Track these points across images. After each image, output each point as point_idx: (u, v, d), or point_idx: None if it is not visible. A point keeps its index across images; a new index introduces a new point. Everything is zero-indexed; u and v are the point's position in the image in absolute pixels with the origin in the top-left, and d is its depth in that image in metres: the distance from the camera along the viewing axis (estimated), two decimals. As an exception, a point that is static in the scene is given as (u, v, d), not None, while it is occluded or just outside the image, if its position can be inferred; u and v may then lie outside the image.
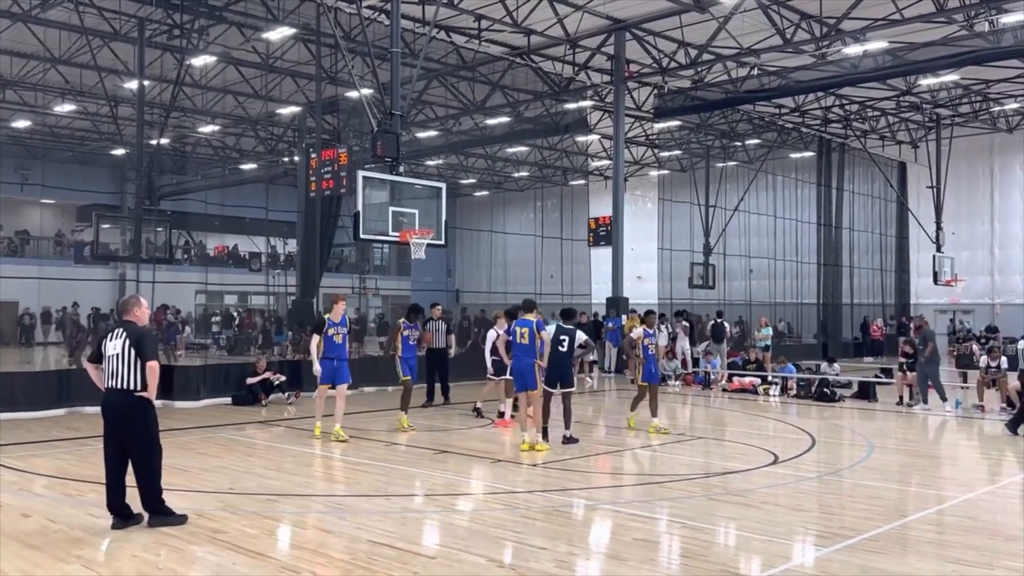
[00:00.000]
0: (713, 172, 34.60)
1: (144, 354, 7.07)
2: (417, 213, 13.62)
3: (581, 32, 21.88)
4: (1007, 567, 6.48)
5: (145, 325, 7.44)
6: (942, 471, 10.99)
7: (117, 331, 7.28)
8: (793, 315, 35.25)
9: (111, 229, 26.68)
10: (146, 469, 7.20)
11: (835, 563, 6.49)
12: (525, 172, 42.36)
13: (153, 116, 25.32)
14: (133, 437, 7.17)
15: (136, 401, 7.10)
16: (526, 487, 9.34)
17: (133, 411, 7.13)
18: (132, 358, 7.06)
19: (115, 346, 7.16)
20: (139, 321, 7.39)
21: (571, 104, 27.19)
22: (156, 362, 7.10)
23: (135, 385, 7.07)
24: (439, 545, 7.00)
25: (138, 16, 21.43)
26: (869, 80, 23.22)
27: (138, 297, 7.57)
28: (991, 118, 31.61)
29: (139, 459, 7.19)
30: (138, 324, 7.35)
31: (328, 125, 26.35)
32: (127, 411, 7.13)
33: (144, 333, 7.26)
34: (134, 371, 7.06)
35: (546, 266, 33.90)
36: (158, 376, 7.10)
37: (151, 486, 7.22)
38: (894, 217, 36.56)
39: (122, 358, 7.09)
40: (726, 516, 8.03)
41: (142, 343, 7.11)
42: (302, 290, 26.60)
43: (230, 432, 13.14)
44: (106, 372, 7.20)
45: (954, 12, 19.25)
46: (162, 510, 7.26)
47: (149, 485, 7.22)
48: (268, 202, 23.22)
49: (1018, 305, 32.63)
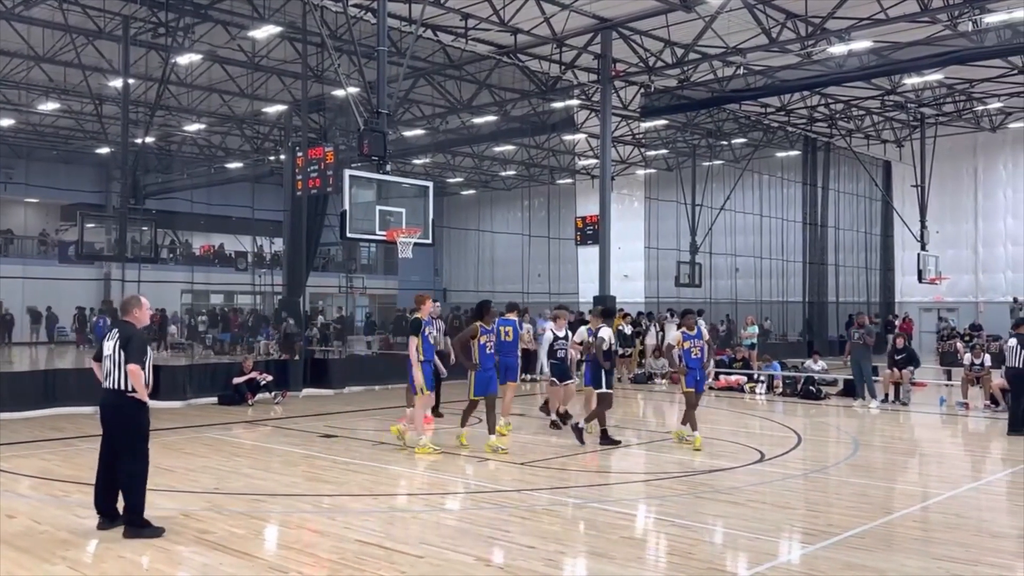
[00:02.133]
0: (699, 171, 34.73)
1: (126, 356, 7.00)
2: (404, 212, 13.58)
3: (568, 31, 21.89)
4: (992, 563, 6.53)
5: (138, 326, 7.32)
6: (927, 468, 11.06)
7: (113, 331, 7.29)
8: (779, 313, 35.40)
9: (96, 228, 26.55)
10: (125, 473, 7.07)
11: (821, 560, 6.53)
12: (512, 171, 42.36)
13: (138, 115, 25.18)
14: (118, 438, 7.12)
15: (124, 402, 7.05)
16: (514, 486, 9.34)
17: (120, 412, 7.09)
18: (121, 359, 7.03)
19: (109, 346, 7.15)
20: (138, 322, 7.30)
21: (558, 103, 27.21)
22: (136, 365, 6.98)
23: (124, 386, 7.03)
24: (426, 544, 6.99)
25: (123, 14, 21.29)
26: (854, 79, 23.32)
27: (139, 297, 7.47)
28: (975, 117, 31.82)
29: (121, 461, 7.10)
30: (135, 325, 7.26)
31: (314, 124, 26.27)
32: (115, 412, 7.11)
33: (132, 335, 7.16)
34: (123, 372, 7.02)
35: (534, 265, 33.91)
36: (141, 379, 7.00)
37: (129, 493, 7.06)
38: (879, 216, 36.75)
39: (113, 359, 7.07)
40: (713, 514, 8.06)
41: (128, 345, 7.05)
42: (288, 289, 26.52)
43: (216, 432, 13.09)
44: (103, 372, 7.18)
45: (938, 12, 19.36)
46: (137, 521, 7.01)
47: (127, 491, 7.07)
48: (254, 201, 23.10)
49: (1002, 303, 32.83)
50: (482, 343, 11.21)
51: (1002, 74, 25.22)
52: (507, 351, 12.09)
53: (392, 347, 29.75)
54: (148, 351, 7.19)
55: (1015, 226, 33.68)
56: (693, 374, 11.67)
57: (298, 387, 17.84)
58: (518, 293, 32.15)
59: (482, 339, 11.22)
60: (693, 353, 11.71)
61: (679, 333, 12.06)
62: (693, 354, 11.71)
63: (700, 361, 11.80)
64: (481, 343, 11.20)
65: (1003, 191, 34.19)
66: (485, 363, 11.19)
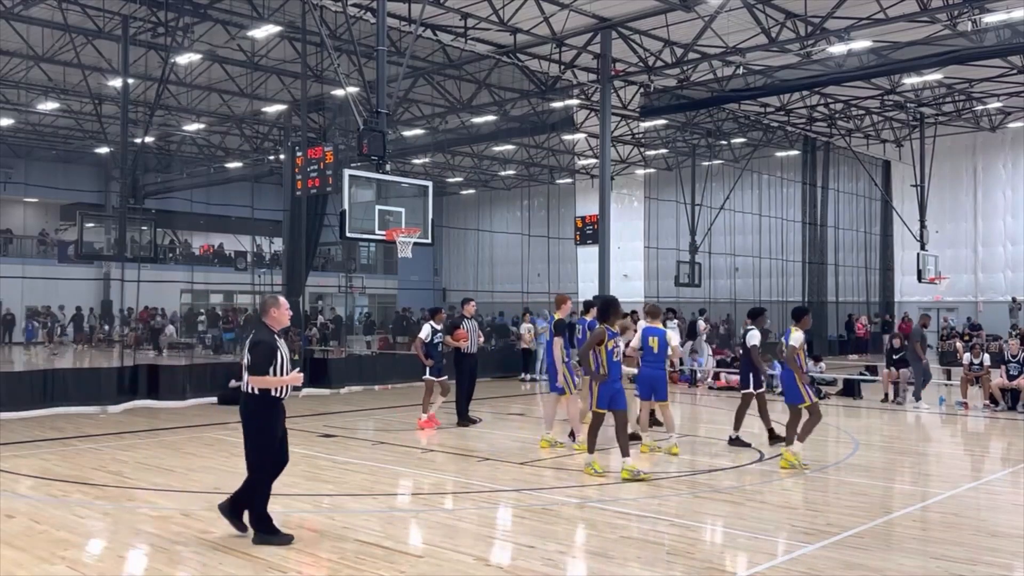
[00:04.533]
0: (699, 171, 34.71)
1: (251, 366, 6.85)
2: (403, 211, 13.57)
3: (567, 31, 21.87)
4: (991, 563, 6.54)
5: (275, 328, 7.10)
6: (927, 468, 11.06)
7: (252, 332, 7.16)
8: (778, 313, 35.39)
9: (95, 228, 26.56)
10: (249, 476, 6.96)
11: (821, 560, 6.53)
12: (512, 171, 42.34)
13: (137, 114, 25.15)
14: (246, 440, 7.02)
15: (248, 404, 6.92)
16: (513, 485, 9.34)
17: (246, 413, 6.97)
18: (247, 363, 6.91)
19: (245, 349, 7.06)
20: (276, 323, 7.09)
21: (557, 103, 27.19)
22: (258, 376, 6.81)
23: (251, 389, 6.89)
24: (426, 544, 7.00)
25: (122, 14, 21.26)
26: (853, 79, 23.32)
27: (276, 297, 7.25)
28: (974, 117, 31.81)
29: (247, 464, 6.99)
30: (268, 328, 7.04)
31: (314, 123, 26.24)
32: (243, 413, 6.99)
33: (259, 342, 6.92)
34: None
35: (533, 265, 33.92)
36: (269, 384, 6.83)
37: (251, 499, 6.94)
38: (878, 215, 36.75)
39: (243, 361, 6.99)
40: (713, 513, 8.07)
41: (252, 352, 6.89)
42: (288, 289, 26.48)
43: (216, 432, 13.09)
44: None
45: (937, 12, 19.35)
46: (264, 528, 6.90)
47: (249, 497, 6.95)
48: (253, 201, 23.08)
49: (1001, 303, 32.85)
50: (610, 349, 9.50)
51: (1001, 74, 25.21)
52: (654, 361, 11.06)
53: (393, 347, 29.77)
54: (278, 356, 6.90)
55: (1014, 225, 33.68)
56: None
57: (297, 387, 17.82)
58: (517, 293, 32.20)
59: (609, 344, 9.52)
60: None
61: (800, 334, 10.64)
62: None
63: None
64: (609, 349, 9.49)
65: (1002, 191, 34.19)
66: (613, 372, 9.53)
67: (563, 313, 11.53)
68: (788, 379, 10.44)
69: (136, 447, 11.56)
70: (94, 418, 14.46)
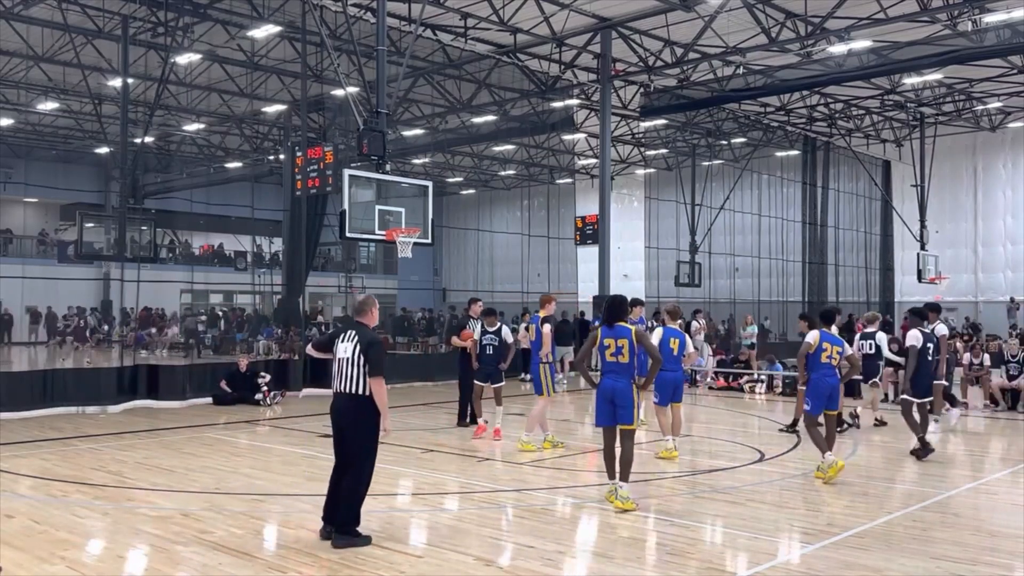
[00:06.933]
0: (699, 171, 34.71)
1: (370, 366, 6.85)
2: (403, 211, 13.57)
3: (567, 31, 21.87)
4: (991, 563, 6.53)
5: (375, 331, 7.18)
6: (926, 468, 11.04)
7: (350, 333, 7.05)
8: (778, 313, 35.39)
9: (95, 228, 26.56)
10: (355, 479, 6.95)
11: (820, 560, 6.53)
12: (512, 170, 42.33)
13: (137, 114, 25.14)
14: (353, 441, 6.97)
15: (363, 406, 6.89)
16: (514, 485, 9.34)
17: (358, 417, 6.93)
18: (361, 364, 6.87)
19: (346, 348, 6.96)
20: (372, 322, 7.20)
21: (557, 103, 27.19)
22: (382, 378, 6.86)
23: (363, 390, 6.87)
24: (426, 544, 7.00)
25: (122, 14, 21.26)
26: (854, 79, 23.31)
27: (373, 299, 7.33)
28: (974, 117, 31.80)
29: (354, 467, 6.96)
30: (370, 328, 7.14)
31: (314, 123, 26.24)
32: (352, 416, 6.95)
33: (373, 341, 6.98)
34: (363, 376, 6.86)
35: (533, 265, 33.92)
36: (385, 393, 6.87)
37: (351, 501, 6.93)
38: (878, 215, 36.70)
39: (352, 362, 6.89)
40: (712, 513, 8.06)
41: (370, 352, 6.88)
42: (288, 289, 26.51)
43: (216, 432, 13.09)
44: (335, 374, 7.03)
45: (938, 11, 19.35)
46: (350, 531, 6.89)
47: (349, 499, 6.93)
48: (253, 201, 23.10)
49: (1001, 303, 32.85)
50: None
51: (1002, 74, 25.20)
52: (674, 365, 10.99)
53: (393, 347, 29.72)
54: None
55: (1014, 225, 33.68)
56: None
57: (298, 387, 17.85)
58: (517, 293, 32.18)
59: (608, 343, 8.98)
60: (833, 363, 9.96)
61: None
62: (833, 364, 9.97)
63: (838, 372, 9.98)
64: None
65: (1002, 191, 34.19)
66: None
67: (547, 312, 11.53)
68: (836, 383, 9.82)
69: (136, 447, 11.56)
70: (94, 418, 14.46)
